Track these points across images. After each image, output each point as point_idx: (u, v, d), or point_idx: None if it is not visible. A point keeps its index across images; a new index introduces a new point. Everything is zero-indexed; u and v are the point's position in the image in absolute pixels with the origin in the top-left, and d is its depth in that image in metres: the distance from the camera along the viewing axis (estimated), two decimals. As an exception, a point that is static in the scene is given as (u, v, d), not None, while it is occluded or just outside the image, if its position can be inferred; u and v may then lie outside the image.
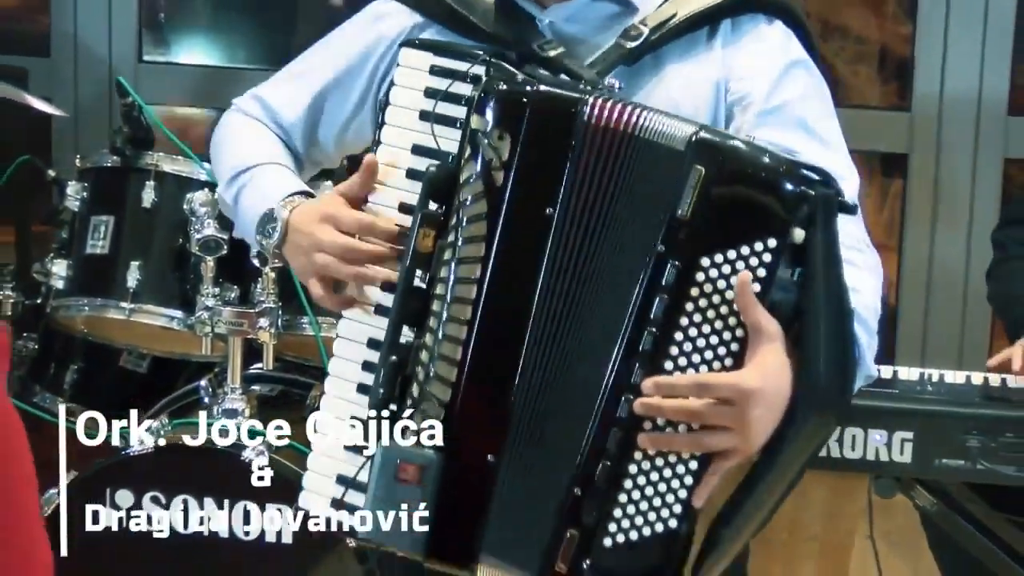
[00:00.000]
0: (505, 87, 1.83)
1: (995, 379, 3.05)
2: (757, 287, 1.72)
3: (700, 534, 1.84)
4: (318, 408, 3.49)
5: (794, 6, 2.11)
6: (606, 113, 1.80)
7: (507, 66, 1.91)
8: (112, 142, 3.58)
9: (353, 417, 1.96)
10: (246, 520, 3.17)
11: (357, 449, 1.95)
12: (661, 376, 1.75)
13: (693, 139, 1.74)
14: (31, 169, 3.69)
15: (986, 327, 4.59)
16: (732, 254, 1.73)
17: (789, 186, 1.72)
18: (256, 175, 2.17)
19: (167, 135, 3.56)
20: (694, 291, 1.74)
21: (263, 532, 3.17)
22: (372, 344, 1.97)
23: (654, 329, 1.76)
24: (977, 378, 3.04)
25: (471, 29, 2.07)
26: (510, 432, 1.83)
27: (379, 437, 1.87)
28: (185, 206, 3.38)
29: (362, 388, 1.97)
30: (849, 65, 4.94)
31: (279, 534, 3.16)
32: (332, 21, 2.22)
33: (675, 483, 1.80)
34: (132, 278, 3.44)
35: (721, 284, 1.74)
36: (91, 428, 3.68)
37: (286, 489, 3.16)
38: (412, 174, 1.94)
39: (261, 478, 3.16)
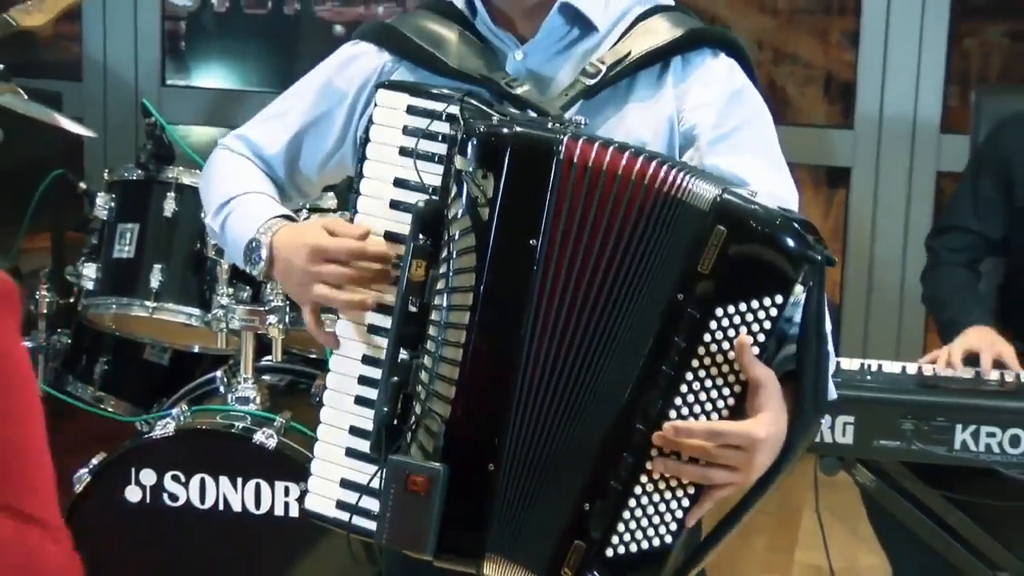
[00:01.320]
0: (485, 129, 1.80)
1: (928, 369, 3.06)
2: (761, 337, 1.72)
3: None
4: (321, 399, 3.51)
5: (735, 38, 2.09)
6: (578, 151, 1.77)
7: (480, 106, 1.89)
8: (137, 158, 3.58)
9: (352, 428, 1.96)
10: (257, 496, 3.18)
11: (358, 455, 1.94)
12: (680, 421, 1.73)
13: (718, 200, 1.71)
14: (64, 182, 3.69)
15: (920, 323, 4.60)
16: (743, 306, 1.71)
17: (797, 250, 1.70)
18: (239, 204, 2.13)
19: (186, 151, 3.56)
20: (707, 337, 1.72)
21: (272, 507, 3.17)
22: (367, 360, 1.95)
23: (670, 370, 1.74)
24: (912, 368, 3.05)
25: (439, 67, 2.04)
26: (508, 444, 1.82)
27: (387, 451, 1.86)
28: (200, 216, 3.39)
29: (359, 400, 1.96)
30: (798, 88, 4.94)
31: (287, 508, 3.16)
32: (333, 49, 2.21)
33: (673, 504, 1.79)
34: (155, 280, 3.44)
35: (731, 333, 1.72)
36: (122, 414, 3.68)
37: (292, 469, 3.16)
38: (395, 205, 1.92)
39: (269, 457, 3.18)
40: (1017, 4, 4.77)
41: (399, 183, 1.91)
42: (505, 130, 1.80)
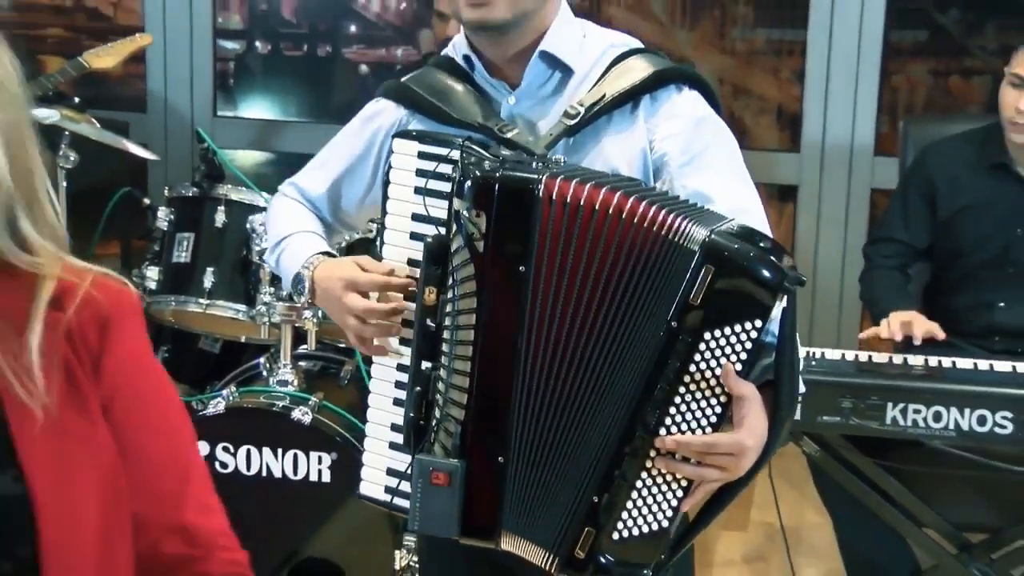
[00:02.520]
0: (478, 174, 1.80)
1: (863, 356, 3.05)
2: (744, 355, 1.73)
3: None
4: (349, 384, 3.51)
5: (696, 73, 2.08)
6: (556, 188, 1.77)
7: (477, 149, 1.89)
8: (192, 177, 3.58)
9: (392, 425, 1.99)
10: (295, 464, 3.18)
11: (399, 448, 1.97)
12: (680, 436, 1.75)
13: (706, 241, 1.72)
14: (131, 198, 3.68)
15: (857, 318, 4.60)
16: (728, 331, 1.72)
17: (774, 281, 1.71)
18: (290, 243, 2.16)
19: (234, 172, 3.56)
20: (697, 357, 1.73)
21: (307, 474, 3.16)
22: (401, 368, 1.98)
23: (666, 385, 1.75)
24: (850, 355, 3.04)
25: (444, 118, 2.04)
26: (513, 440, 1.83)
27: (415, 449, 1.88)
28: (248, 225, 3.39)
29: (396, 401, 1.98)
30: (754, 117, 4.94)
31: (320, 474, 3.15)
32: (360, 84, 2.22)
33: (669, 495, 1.81)
34: (207, 281, 3.43)
35: (718, 353, 1.74)
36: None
37: (325, 441, 3.16)
38: (414, 236, 1.94)
39: (305, 431, 3.17)
40: (937, 47, 4.78)
41: (416, 217, 1.94)
42: (493, 173, 1.79)
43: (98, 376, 1.47)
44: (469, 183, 1.79)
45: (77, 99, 3.76)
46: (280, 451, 3.16)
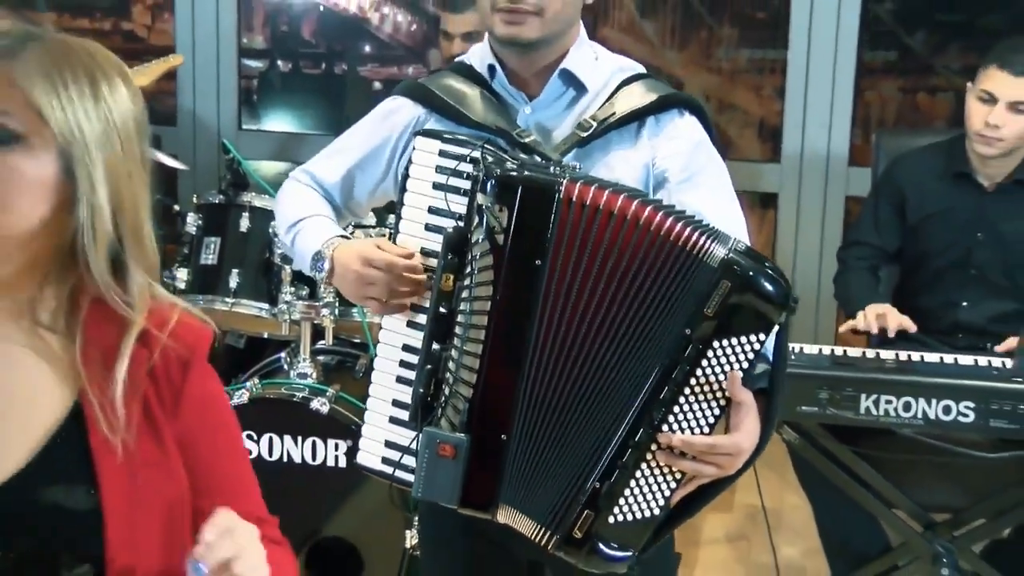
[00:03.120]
0: (501, 173, 1.81)
1: (839, 350, 3.05)
2: (746, 364, 1.76)
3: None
4: (364, 373, 3.51)
5: (697, 100, 2.10)
6: (576, 192, 1.78)
7: (497, 151, 1.91)
8: (219, 186, 3.58)
9: (394, 400, 1.98)
10: (313, 451, 3.18)
11: (399, 423, 1.96)
12: (686, 436, 1.77)
13: (725, 259, 1.74)
14: (162, 205, 3.69)
15: (832, 315, 4.60)
16: (735, 341, 1.75)
17: (780, 300, 1.74)
18: (306, 225, 2.15)
19: (257, 181, 3.56)
20: (704, 362, 1.75)
21: (325, 460, 3.16)
22: (406, 348, 1.98)
23: (673, 386, 1.76)
24: (827, 350, 3.04)
25: (462, 119, 2.04)
26: (517, 420, 1.83)
27: (422, 423, 1.88)
28: (270, 230, 3.39)
29: (400, 379, 1.98)
30: (738, 130, 4.94)
31: (336, 460, 3.16)
32: (373, 99, 2.22)
33: (663, 485, 1.82)
34: (233, 281, 3.43)
35: (723, 361, 1.76)
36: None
37: (341, 429, 3.16)
38: (429, 227, 1.94)
39: (323, 420, 3.18)
40: (906, 67, 4.78)
41: (433, 211, 1.94)
42: (516, 173, 1.80)
43: (177, 410, 1.49)
44: (494, 181, 1.80)
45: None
46: (300, 438, 3.16)
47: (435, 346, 1.88)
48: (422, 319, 1.94)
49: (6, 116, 1.36)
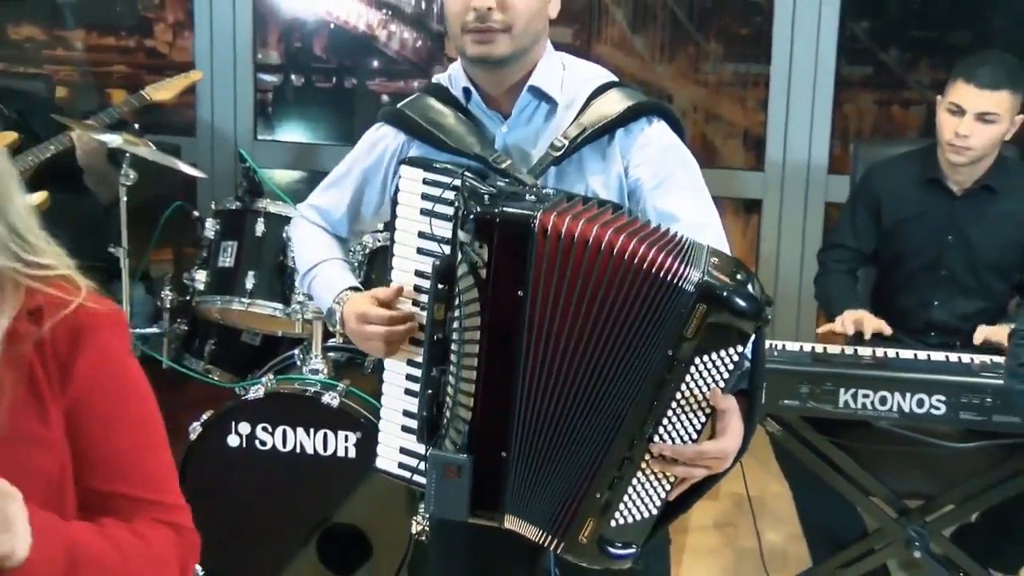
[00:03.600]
0: (480, 211, 1.78)
1: (819, 348, 3.06)
2: (726, 375, 1.76)
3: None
4: (372, 372, 3.50)
5: (665, 105, 2.08)
6: (551, 224, 1.76)
7: (476, 181, 1.89)
8: (236, 193, 3.58)
9: (404, 411, 2.00)
10: (324, 442, 3.18)
11: (410, 430, 1.98)
12: (676, 446, 1.78)
13: (701, 283, 1.72)
14: (183, 211, 3.70)
15: (813, 315, 4.59)
16: (715, 356, 1.74)
17: (754, 314, 1.72)
18: (320, 271, 2.17)
19: (272, 189, 3.57)
20: (688, 378, 1.75)
21: (335, 451, 3.16)
22: (411, 363, 2.00)
23: (661, 402, 1.76)
24: (807, 347, 3.05)
25: (443, 145, 2.03)
26: (514, 437, 1.83)
27: (428, 442, 1.90)
28: (284, 235, 3.40)
29: (408, 392, 1.99)
30: (723, 140, 4.94)
31: (346, 451, 3.16)
32: (378, 110, 2.21)
33: (659, 488, 1.83)
34: (249, 282, 3.44)
35: (706, 375, 1.75)
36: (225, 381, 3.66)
37: (351, 422, 3.16)
38: (421, 251, 1.94)
39: (334, 413, 3.18)
40: (881, 81, 4.78)
41: (422, 235, 1.94)
42: (494, 210, 1.78)
43: (65, 386, 1.43)
44: (472, 218, 1.78)
45: (136, 125, 3.77)
46: (312, 431, 3.16)
47: (434, 371, 1.89)
48: (423, 335, 1.94)
49: None
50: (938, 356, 3.02)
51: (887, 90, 4.81)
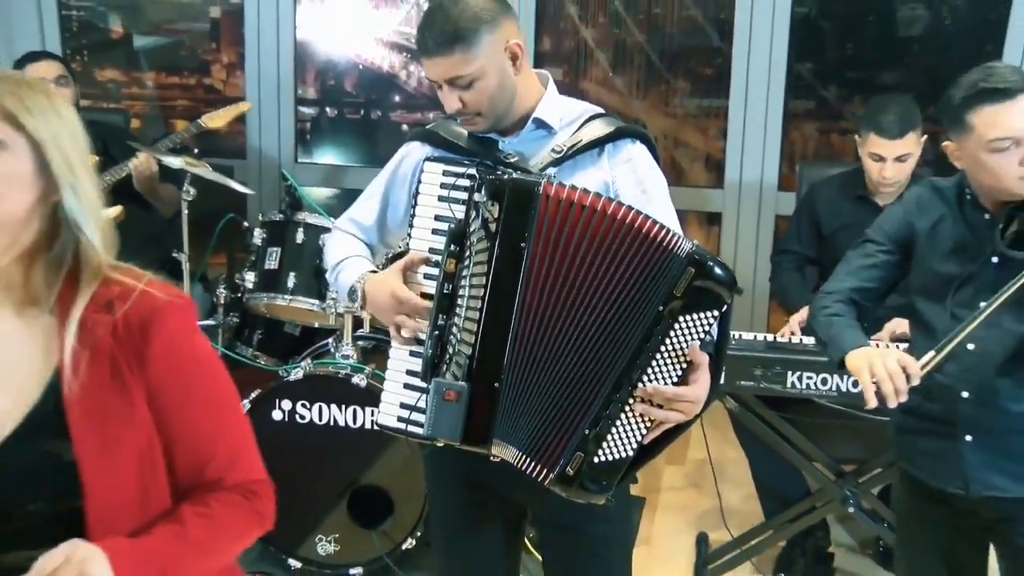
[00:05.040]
0: (494, 177, 1.83)
1: (771, 337, 3.06)
2: (702, 333, 1.79)
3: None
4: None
5: (645, 132, 2.09)
6: (553, 190, 1.79)
7: (490, 165, 1.92)
8: (279, 206, 3.58)
9: (408, 371, 1.96)
10: (354, 416, 3.18)
11: (412, 388, 1.95)
12: (657, 385, 1.79)
13: (690, 251, 1.77)
14: (235, 222, 3.70)
15: (765, 308, 4.60)
16: (697, 316, 1.77)
17: (732, 284, 1.78)
18: (344, 266, 2.15)
19: (310, 203, 3.56)
20: (672, 333, 1.78)
21: (363, 424, 3.16)
22: (417, 341, 1.96)
23: (648, 351, 1.78)
24: (760, 337, 3.05)
25: (460, 150, 2.04)
26: (506, 371, 1.83)
27: (431, 377, 1.87)
28: (319, 241, 3.40)
29: (413, 353, 1.95)
30: (689, 163, 4.93)
31: (373, 424, 3.15)
32: (400, 138, 2.21)
33: (637, 431, 1.83)
34: (291, 282, 3.44)
35: (687, 331, 1.78)
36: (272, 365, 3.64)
37: (376, 399, 3.16)
38: (436, 232, 1.93)
39: (362, 392, 3.18)
40: (822, 113, 4.78)
41: (438, 218, 1.93)
42: (507, 176, 1.83)
43: (144, 368, 1.39)
44: (488, 183, 1.82)
45: (195, 150, 3.77)
46: (343, 407, 3.16)
47: (442, 319, 1.87)
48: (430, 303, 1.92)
49: None
50: (872, 343, 3.01)
51: (827, 120, 4.81)
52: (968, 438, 2.10)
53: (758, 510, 3.45)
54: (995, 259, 2.05)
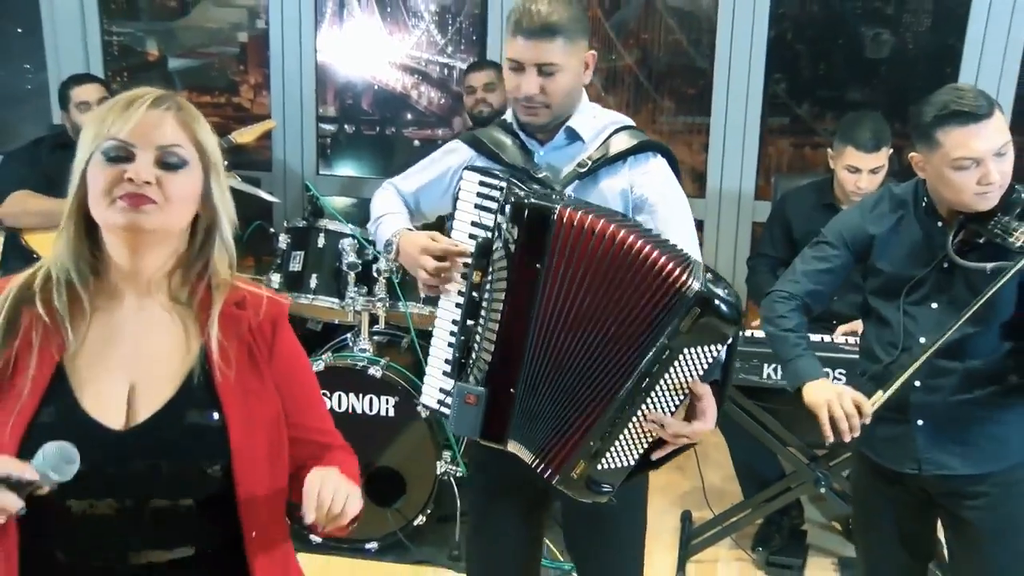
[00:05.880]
0: (515, 200, 1.80)
1: (748, 332, 3.06)
2: (706, 366, 1.73)
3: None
4: (406, 351, 3.49)
5: (666, 146, 2.08)
6: (567, 214, 1.76)
7: (517, 183, 1.89)
8: (302, 214, 3.59)
9: (446, 359, 1.97)
10: (371, 405, 3.19)
11: (448, 375, 1.95)
12: (666, 418, 1.76)
13: (699, 291, 1.68)
14: (262, 229, 3.70)
15: (743, 307, 4.59)
16: (700, 349, 1.71)
17: (736, 322, 1.70)
18: (384, 219, 2.18)
19: (330, 211, 3.56)
20: (676, 364, 1.72)
21: (379, 411, 3.17)
22: (453, 322, 1.96)
23: (652, 379, 1.73)
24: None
25: (498, 159, 2.05)
26: (521, 379, 1.82)
27: (457, 379, 1.88)
28: (339, 246, 3.39)
29: (450, 345, 1.96)
30: (674, 175, 4.93)
31: (387, 412, 3.16)
32: (412, 152, 2.23)
33: (639, 444, 1.81)
34: (313, 282, 3.44)
35: (690, 364, 1.72)
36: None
37: (390, 389, 3.17)
38: (471, 236, 1.92)
39: (377, 382, 3.18)
40: (796, 129, 4.79)
41: (474, 224, 1.93)
42: (526, 200, 1.79)
43: (272, 358, 1.51)
44: (510, 206, 1.80)
45: (225, 163, 3.76)
46: (360, 395, 3.17)
47: (468, 322, 1.88)
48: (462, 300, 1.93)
49: (181, 148, 1.43)
50: (839, 339, 3.03)
51: (800, 136, 4.82)
52: (920, 423, 2.13)
53: (737, 490, 3.45)
54: (946, 264, 2.06)
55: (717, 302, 1.68)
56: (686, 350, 1.71)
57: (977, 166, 1.97)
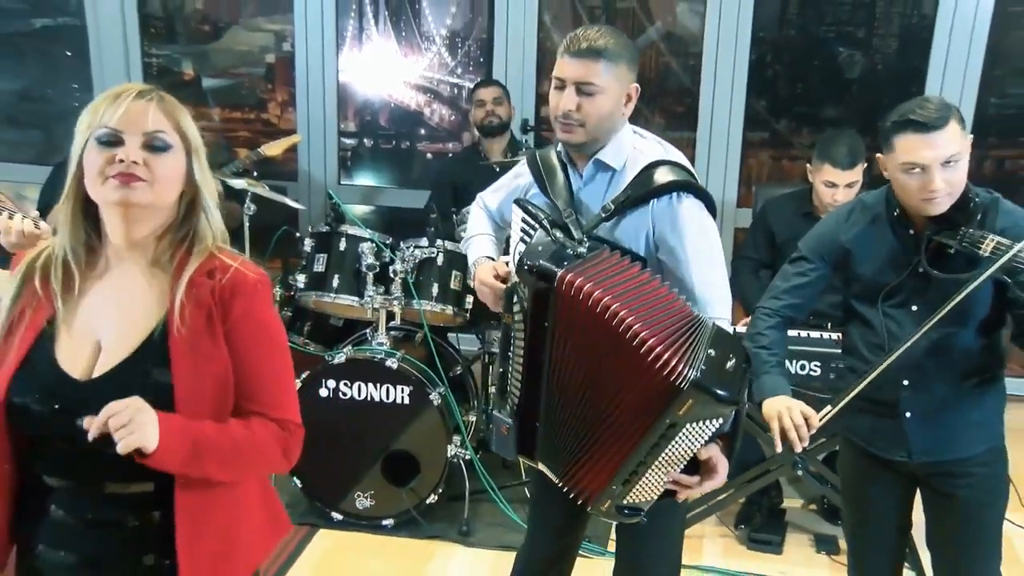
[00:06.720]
0: (528, 261, 1.75)
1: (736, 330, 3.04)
2: (708, 435, 1.69)
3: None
4: (419, 345, 3.46)
5: (696, 184, 1.91)
6: (566, 282, 1.72)
7: (547, 226, 1.86)
8: (325, 220, 3.58)
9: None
10: (388, 394, 3.18)
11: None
12: (682, 476, 1.75)
13: (693, 381, 1.61)
14: (288, 233, 3.69)
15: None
16: (700, 424, 1.67)
17: (730, 404, 1.65)
18: (473, 242, 2.18)
19: (351, 217, 3.56)
20: (678, 436, 1.68)
21: (395, 400, 3.17)
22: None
23: (658, 447, 1.69)
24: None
25: (546, 192, 1.99)
26: (541, 417, 1.82)
27: (497, 410, 1.90)
28: (359, 250, 3.39)
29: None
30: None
31: (402, 400, 3.16)
32: (426, 164, 2.22)
33: (657, 488, 1.79)
34: (335, 282, 3.43)
35: (693, 435, 1.69)
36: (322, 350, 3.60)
37: (405, 379, 3.16)
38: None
39: (394, 373, 3.18)
40: (775, 142, 4.78)
41: (517, 252, 1.90)
42: (534, 262, 1.76)
43: (226, 321, 1.49)
44: (521, 264, 1.78)
45: (255, 173, 3.76)
46: (378, 385, 3.17)
47: (508, 353, 1.86)
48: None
49: (164, 133, 1.48)
50: (814, 334, 3.01)
51: (779, 149, 4.81)
52: (908, 415, 2.12)
53: (721, 472, 3.44)
54: (920, 270, 2.05)
55: (712, 390, 1.61)
56: (688, 425, 1.66)
57: (923, 172, 1.96)
